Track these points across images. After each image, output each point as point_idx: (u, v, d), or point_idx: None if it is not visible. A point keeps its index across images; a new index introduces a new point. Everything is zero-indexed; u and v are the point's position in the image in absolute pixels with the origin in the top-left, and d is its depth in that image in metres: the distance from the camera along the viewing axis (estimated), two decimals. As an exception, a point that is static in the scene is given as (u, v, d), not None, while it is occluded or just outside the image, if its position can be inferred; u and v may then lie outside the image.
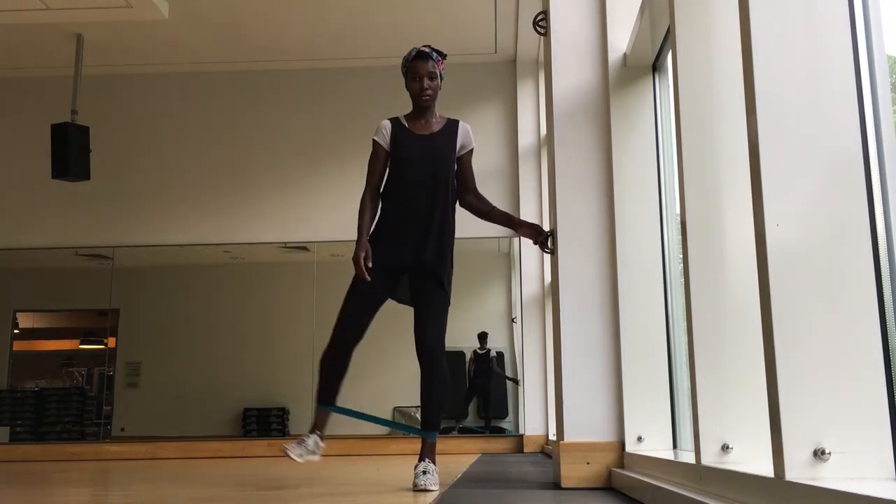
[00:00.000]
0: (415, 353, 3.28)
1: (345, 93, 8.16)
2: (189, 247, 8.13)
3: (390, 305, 3.44)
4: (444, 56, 3.39)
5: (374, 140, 3.40)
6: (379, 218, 3.39)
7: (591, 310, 3.24)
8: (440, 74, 3.37)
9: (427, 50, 3.34)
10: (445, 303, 3.32)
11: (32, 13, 6.62)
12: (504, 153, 7.97)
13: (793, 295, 1.57)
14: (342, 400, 3.38)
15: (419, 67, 3.32)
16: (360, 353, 3.34)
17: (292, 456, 3.22)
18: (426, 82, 3.32)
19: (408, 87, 3.36)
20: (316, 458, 3.29)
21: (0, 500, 3.16)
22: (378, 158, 3.40)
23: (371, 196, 3.38)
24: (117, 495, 3.39)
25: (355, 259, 3.23)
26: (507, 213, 3.67)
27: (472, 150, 3.46)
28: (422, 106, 3.37)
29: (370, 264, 3.22)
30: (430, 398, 3.28)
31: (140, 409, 8.29)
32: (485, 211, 3.52)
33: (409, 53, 3.36)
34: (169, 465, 5.85)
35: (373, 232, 3.37)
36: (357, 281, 3.27)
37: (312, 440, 3.28)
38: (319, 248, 8.18)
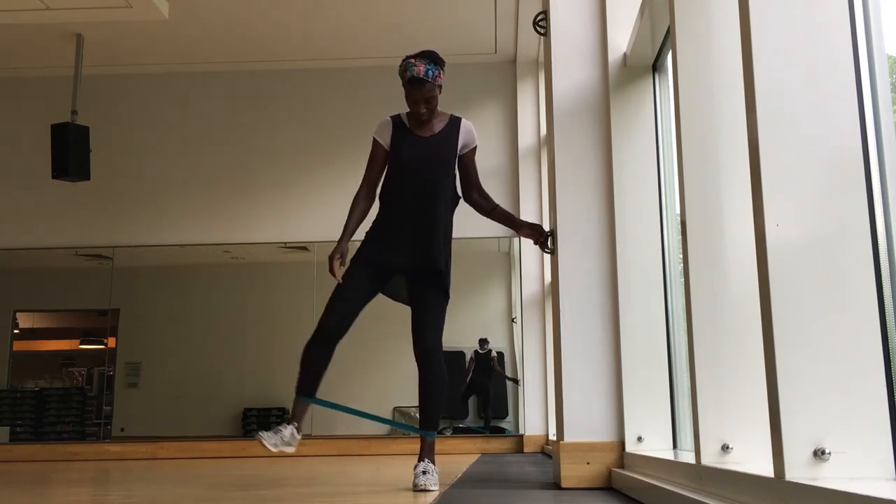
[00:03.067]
0: (411, 354, 3.29)
1: (345, 93, 8.16)
2: (189, 247, 8.13)
3: (390, 307, 3.44)
4: (442, 65, 3.25)
5: (373, 137, 3.39)
6: (378, 218, 3.39)
7: (591, 310, 3.24)
8: (439, 86, 3.24)
9: (421, 74, 3.17)
10: (443, 304, 3.32)
11: (32, 13, 6.62)
12: (504, 153, 7.97)
13: (793, 295, 1.57)
14: (341, 397, 3.37)
15: (415, 94, 3.21)
16: (360, 354, 3.35)
17: (266, 444, 3.17)
18: (422, 106, 3.24)
19: (406, 99, 3.28)
20: (291, 449, 3.24)
21: (0, 500, 3.16)
22: (377, 157, 3.39)
23: (364, 194, 3.38)
24: (117, 495, 3.39)
25: (329, 258, 3.25)
26: (509, 213, 3.66)
27: (475, 149, 3.44)
28: (420, 121, 3.33)
29: (343, 266, 3.25)
30: (429, 398, 3.29)
31: (140, 409, 8.28)
32: (487, 209, 3.52)
33: (405, 71, 3.20)
34: (169, 465, 5.85)
35: (371, 230, 3.38)
36: (345, 279, 3.28)
37: (289, 431, 3.24)
38: (319, 248, 8.16)
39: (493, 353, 8.13)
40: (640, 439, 3.08)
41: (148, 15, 6.74)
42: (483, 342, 8.08)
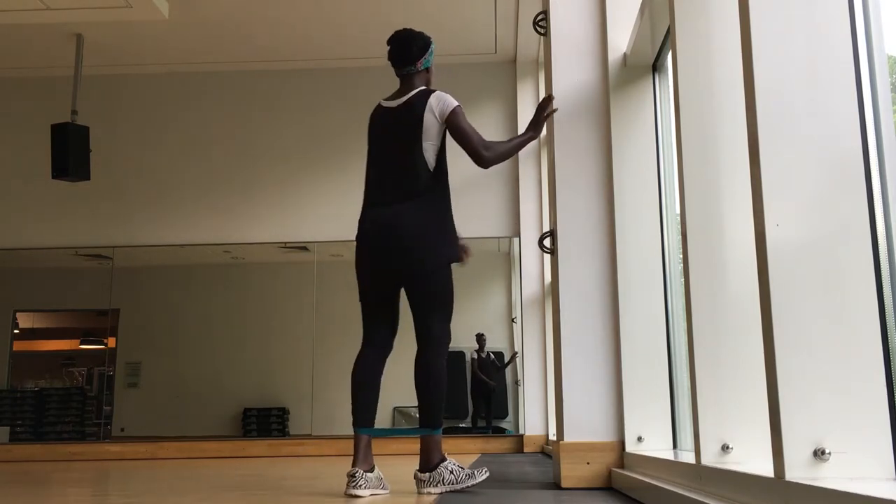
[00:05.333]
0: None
1: (345, 93, 8.16)
2: (189, 247, 8.13)
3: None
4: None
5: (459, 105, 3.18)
6: (448, 201, 3.18)
7: (591, 310, 3.24)
8: None
9: None
10: None
11: (32, 13, 6.62)
12: (504, 153, 7.96)
13: (793, 295, 1.57)
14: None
15: None
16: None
17: (477, 482, 2.97)
18: None
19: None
20: (484, 474, 3.02)
21: (0, 500, 3.16)
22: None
23: None
24: (117, 495, 3.38)
25: (466, 248, 3.19)
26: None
27: None
28: None
29: None
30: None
31: (140, 409, 8.29)
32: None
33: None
34: (169, 465, 5.85)
35: (451, 216, 3.17)
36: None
37: (452, 465, 3.01)
38: (319, 248, 8.18)
39: (471, 356, 8.09)
40: (640, 439, 3.08)
41: (148, 15, 6.75)
42: (477, 338, 8.10)
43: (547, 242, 3.41)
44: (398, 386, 7.62)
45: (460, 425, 8.10)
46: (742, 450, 2.08)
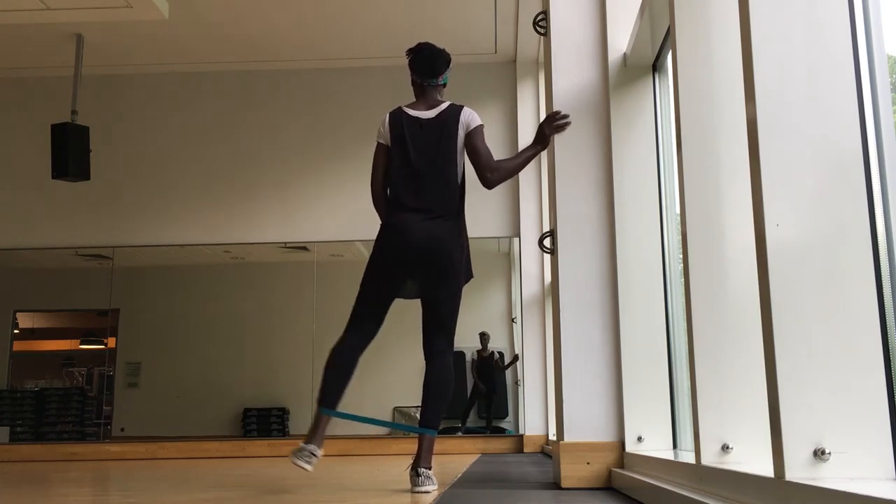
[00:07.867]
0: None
1: (345, 93, 8.16)
2: (189, 247, 8.13)
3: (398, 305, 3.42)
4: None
5: None
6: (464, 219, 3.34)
7: (591, 310, 3.24)
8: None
9: None
10: None
11: (32, 13, 6.62)
12: (504, 153, 7.96)
13: (793, 295, 1.57)
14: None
15: None
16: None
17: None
18: None
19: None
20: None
21: (0, 500, 3.16)
22: None
23: None
24: (117, 495, 3.38)
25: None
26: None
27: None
28: None
29: None
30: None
31: (140, 409, 8.29)
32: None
33: None
34: (169, 465, 5.85)
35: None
36: None
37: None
38: (319, 248, 8.18)
39: (472, 357, 8.11)
40: (640, 439, 3.08)
41: (148, 15, 6.74)
42: (480, 336, 8.10)
43: (547, 242, 3.41)
44: (398, 386, 7.62)
45: (460, 425, 8.10)
46: (742, 450, 2.08)
